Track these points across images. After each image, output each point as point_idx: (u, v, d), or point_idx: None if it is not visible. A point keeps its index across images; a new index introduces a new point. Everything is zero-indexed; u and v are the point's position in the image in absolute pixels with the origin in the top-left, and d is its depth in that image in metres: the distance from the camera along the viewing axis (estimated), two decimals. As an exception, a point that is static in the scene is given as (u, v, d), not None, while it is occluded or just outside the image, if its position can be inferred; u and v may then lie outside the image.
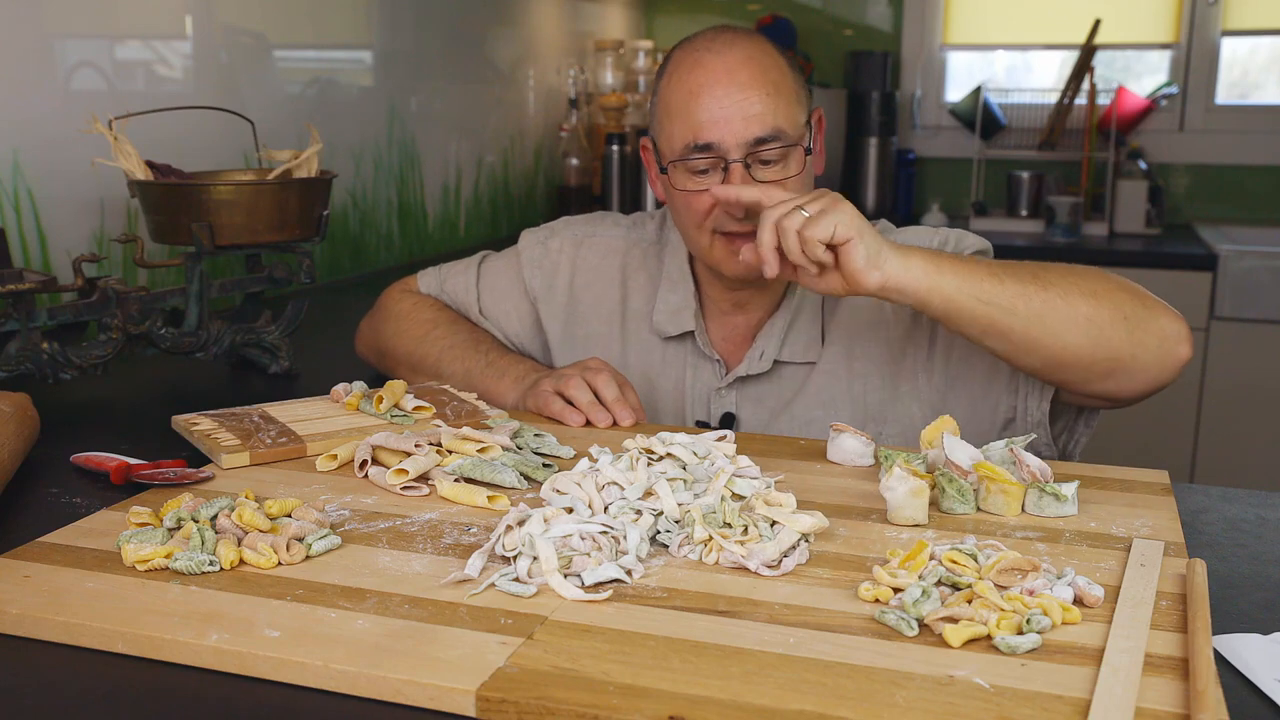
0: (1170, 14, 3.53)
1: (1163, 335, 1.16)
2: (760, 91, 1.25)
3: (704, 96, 1.26)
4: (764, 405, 1.38)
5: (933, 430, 1.10)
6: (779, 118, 1.26)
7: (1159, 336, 1.16)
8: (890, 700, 0.68)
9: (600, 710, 0.67)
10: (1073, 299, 1.13)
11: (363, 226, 2.47)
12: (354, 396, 1.27)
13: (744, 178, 1.25)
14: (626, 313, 1.45)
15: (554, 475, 1.01)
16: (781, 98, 1.27)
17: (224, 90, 2.05)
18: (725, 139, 1.25)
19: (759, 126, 1.25)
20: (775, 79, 1.27)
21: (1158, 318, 1.16)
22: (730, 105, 1.25)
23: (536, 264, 1.49)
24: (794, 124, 1.28)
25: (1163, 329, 1.16)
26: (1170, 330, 1.16)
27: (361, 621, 0.78)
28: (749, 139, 1.25)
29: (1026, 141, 3.61)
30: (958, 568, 0.84)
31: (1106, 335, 1.14)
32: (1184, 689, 0.70)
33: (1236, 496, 1.09)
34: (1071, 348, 1.14)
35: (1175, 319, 1.17)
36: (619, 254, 1.48)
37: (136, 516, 0.95)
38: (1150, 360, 1.16)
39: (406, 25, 2.61)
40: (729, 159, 1.26)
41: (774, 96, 1.26)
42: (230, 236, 1.47)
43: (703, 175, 1.28)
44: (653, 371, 1.43)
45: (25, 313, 1.34)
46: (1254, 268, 2.98)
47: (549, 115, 3.28)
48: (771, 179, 1.27)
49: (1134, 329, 1.14)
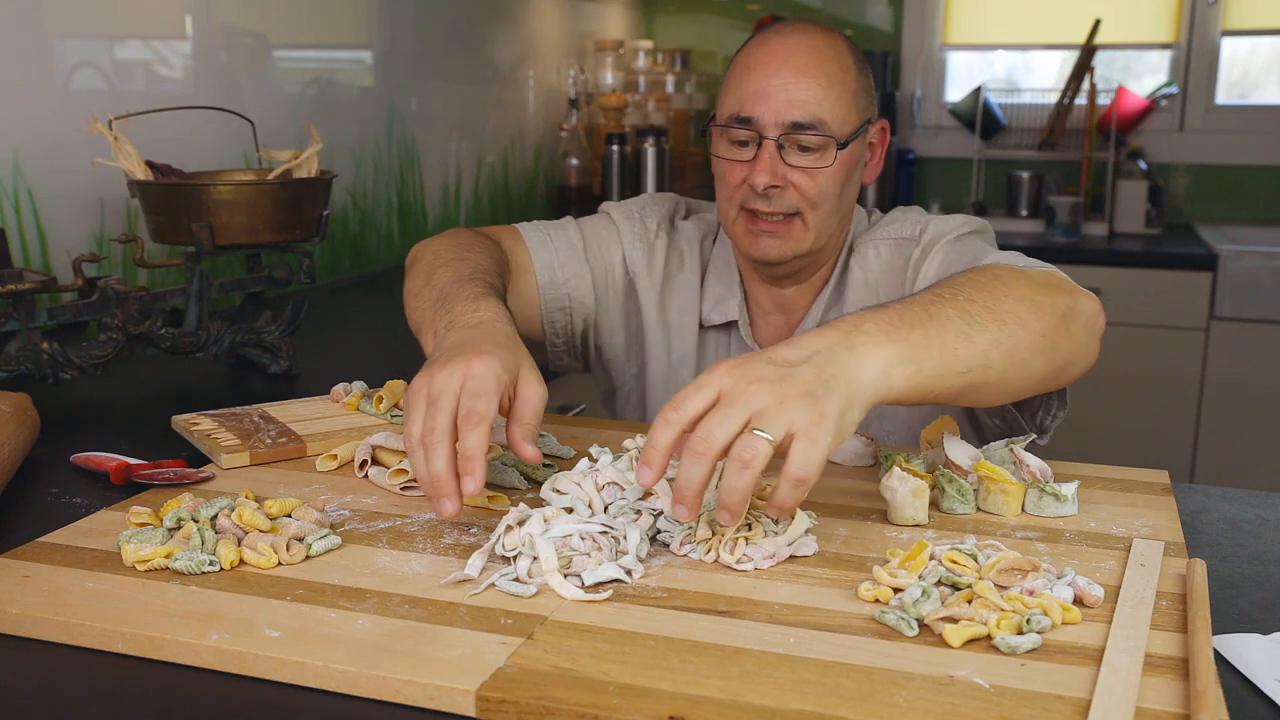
0: (1170, 14, 3.53)
1: (1088, 319, 1.08)
2: (810, 79, 1.27)
3: (757, 72, 1.29)
4: None
5: (933, 430, 1.10)
6: (823, 109, 1.27)
7: (1086, 320, 1.08)
8: (890, 700, 0.68)
9: (600, 710, 0.67)
10: (1025, 320, 1.00)
11: (363, 226, 2.47)
12: (354, 396, 1.27)
13: (776, 158, 1.27)
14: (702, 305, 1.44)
15: (554, 475, 1.01)
16: (833, 91, 1.28)
17: (224, 90, 2.05)
18: (765, 116, 1.27)
19: (800, 111, 1.27)
20: (832, 71, 1.28)
21: (1078, 301, 1.07)
22: (778, 85, 1.27)
23: (637, 240, 1.46)
24: (839, 120, 1.28)
25: (1085, 311, 1.08)
26: (1090, 310, 1.08)
27: (361, 621, 0.78)
28: (787, 121, 1.27)
29: (1026, 141, 3.61)
30: (958, 568, 0.84)
31: (1056, 342, 1.04)
32: (1184, 689, 0.69)
33: (1236, 496, 1.09)
34: (1036, 370, 1.04)
35: (1088, 297, 1.09)
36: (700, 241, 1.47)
37: (136, 516, 0.95)
38: (1083, 349, 1.09)
39: (406, 25, 2.61)
40: (764, 135, 1.28)
41: (825, 88, 1.27)
42: (230, 236, 1.48)
43: (741, 147, 1.30)
44: (703, 362, 1.44)
45: (25, 313, 1.34)
46: (1254, 268, 2.98)
47: (549, 115, 3.28)
48: (804, 166, 1.28)
49: (1070, 323, 1.06)
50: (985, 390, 0.99)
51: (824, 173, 1.28)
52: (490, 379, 0.92)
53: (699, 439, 0.82)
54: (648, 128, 3.23)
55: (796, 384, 0.83)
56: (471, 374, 0.92)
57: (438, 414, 0.90)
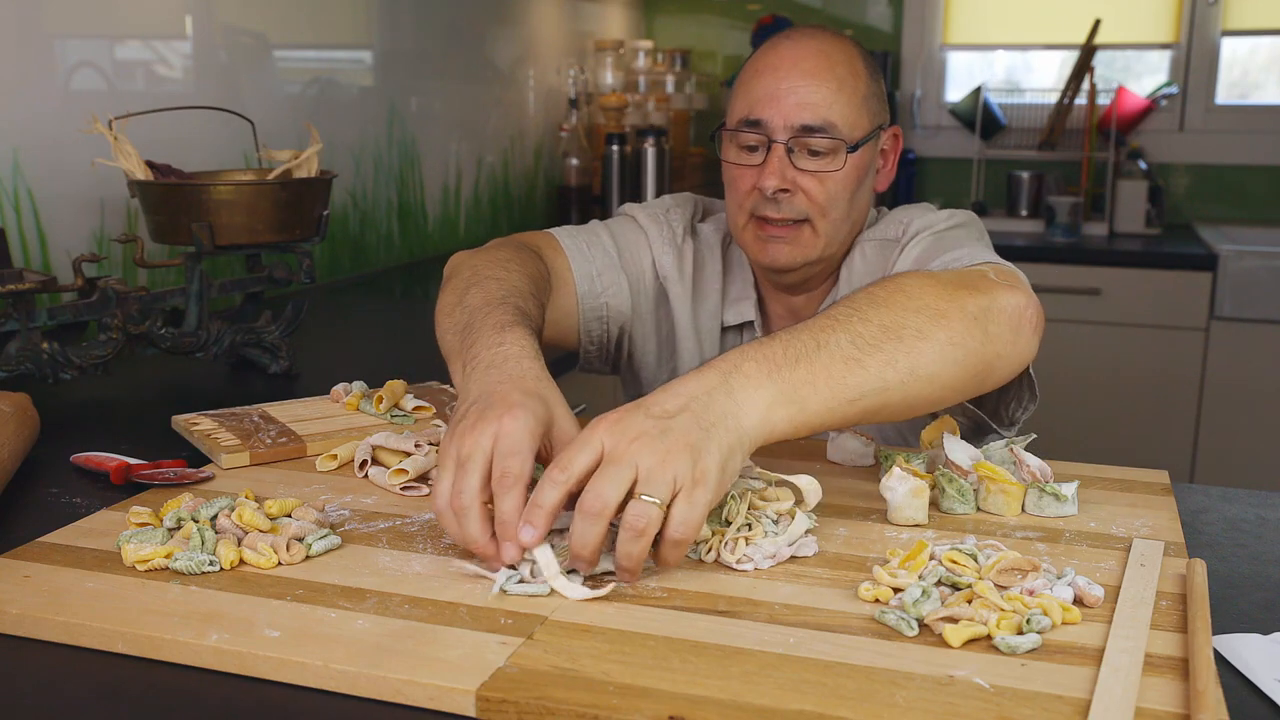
0: (1170, 14, 3.53)
1: (1011, 314, 1.04)
2: (820, 82, 1.27)
3: (766, 76, 1.29)
4: None
5: (933, 430, 1.10)
6: (833, 112, 1.27)
7: (1007, 317, 1.04)
8: (890, 700, 0.68)
9: (600, 710, 0.67)
10: (926, 331, 0.97)
11: (363, 226, 2.47)
12: (354, 396, 1.27)
13: (785, 162, 1.27)
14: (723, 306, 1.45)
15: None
16: (843, 94, 1.28)
17: (224, 90, 2.05)
18: (774, 119, 1.28)
19: (810, 114, 1.27)
20: (841, 75, 1.29)
21: (996, 299, 1.03)
22: (787, 88, 1.27)
23: (666, 244, 1.44)
24: (850, 124, 1.28)
25: (1005, 308, 1.04)
26: (1012, 305, 1.04)
27: (361, 621, 0.78)
28: (796, 124, 1.27)
29: (1026, 141, 3.61)
30: (958, 568, 0.84)
31: (969, 347, 1.00)
32: (1184, 689, 0.69)
33: (1236, 496, 1.09)
34: (948, 380, 0.99)
35: (1010, 291, 1.05)
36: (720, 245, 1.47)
37: (136, 516, 0.95)
38: (1009, 347, 1.04)
39: (406, 25, 2.62)
40: (773, 138, 1.28)
41: (834, 91, 1.28)
42: (230, 236, 1.48)
43: (751, 152, 1.30)
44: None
45: (25, 313, 1.34)
46: (1254, 268, 2.98)
47: (549, 115, 3.28)
48: (813, 170, 1.28)
49: (986, 324, 1.02)
50: (888, 410, 0.96)
51: (833, 177, 1.28)
52: (524, 436, 0.87)
53: (591, 499, 0.81)
54: (648, 128, 3.23)
55: (677, 439, 0.82)
56: (504, 433, 0.86)
57: (466, 476, 0.85)
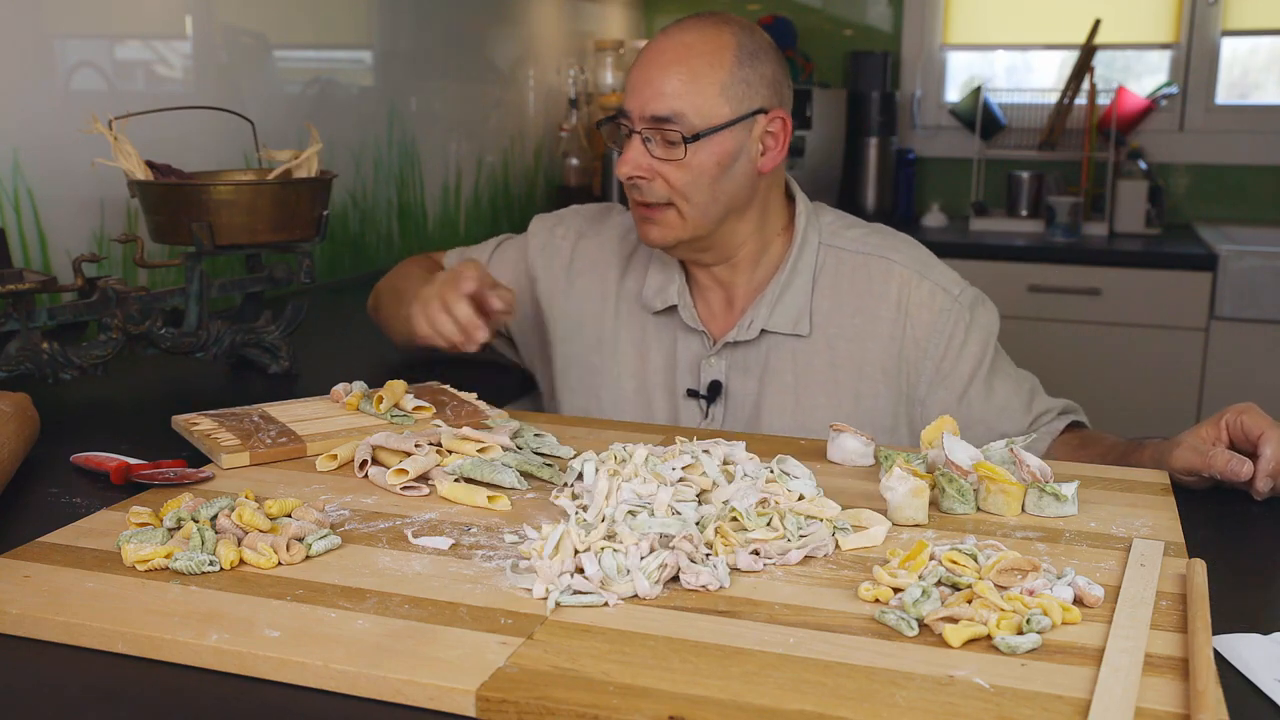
0: (1170, 14, 3.53)
1: None
2: (671, 73, 1.32)
3: (635, 67, 1.37)
4: (751, 374, 1.43)
5: (933, 430, 1.10)
6: (683, 102, 1.31)
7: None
8: (890, 700, 0.68)
9: (600, 710, 0.67)
10: None
11: (363, 226, 2.47)
12: (354, 396, 1.27)
13: (640, 150, 1.33)
14: (621, 292, 1.52)
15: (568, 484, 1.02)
16: (695, 85, 1.31)
17: (224, 90, 2.05)
18: (633, 109, 1.34)
19: (659, 105, 1.32)
20: (697, 66, 1.32)
21: None
22: (643, 80, 1.34)
23: (541, 248, 1.58)
24: (703, 114, 1.32)
25: None
26: None
27: (361, 621, 0.78)
28: (648, 114, 1.33)
29: (1026, 141, 3.61)
30: (958, 568, 0.84)
31: None
32: (1184, 689, 0.70)
33: (1236, 496, 1.09)
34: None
35: None
36: (619, 241, 1.55)
37: (136, 516, 0.95)
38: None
39: (406, 25, 2.61)
40: (631, 128, 1.34)
41: (685, 82, 1.32)
42: (230, 236, 1.47)
43: (625, 140, 1.37)
44: (644, 344, 1.50)
45: (25, 313, 1.34)
46: (1254, 268, 2.98)
47: (549, 115, 3.28)
48: (663, 158, 1.33)
49: None
50: None
51: (686, 165, 1.32)
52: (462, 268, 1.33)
53: None
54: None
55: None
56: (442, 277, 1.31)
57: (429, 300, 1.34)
